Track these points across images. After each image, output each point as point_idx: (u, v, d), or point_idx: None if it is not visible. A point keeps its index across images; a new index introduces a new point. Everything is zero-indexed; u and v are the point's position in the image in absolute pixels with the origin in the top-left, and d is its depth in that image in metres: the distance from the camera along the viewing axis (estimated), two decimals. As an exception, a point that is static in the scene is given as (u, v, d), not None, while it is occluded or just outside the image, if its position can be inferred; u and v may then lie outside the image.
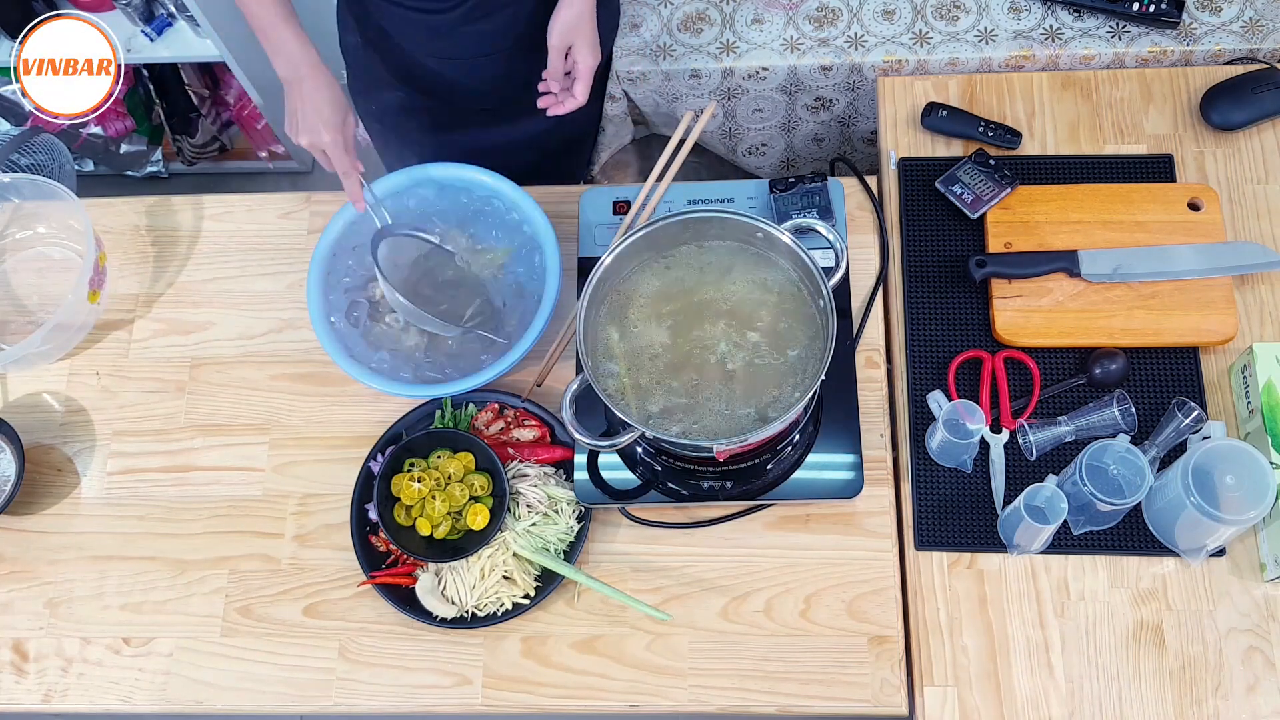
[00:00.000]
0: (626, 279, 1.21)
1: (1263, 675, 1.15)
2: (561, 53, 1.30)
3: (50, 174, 1.76)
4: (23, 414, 1.42)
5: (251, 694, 1.26)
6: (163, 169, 2.60)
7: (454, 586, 1.23)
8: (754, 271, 1.20)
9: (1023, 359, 1.28)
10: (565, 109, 1.33)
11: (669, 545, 1.27)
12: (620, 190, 1.41)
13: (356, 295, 1.37)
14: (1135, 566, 1.21)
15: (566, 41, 1.29)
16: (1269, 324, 1.30)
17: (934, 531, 1.24)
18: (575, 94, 1.32)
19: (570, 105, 1.33)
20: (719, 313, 1.18)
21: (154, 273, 1.49)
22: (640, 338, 1.18)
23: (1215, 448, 1.12)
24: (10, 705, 1.29)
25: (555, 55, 1.30)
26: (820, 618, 1.22)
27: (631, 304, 1.20)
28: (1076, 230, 1.32)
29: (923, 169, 1.41)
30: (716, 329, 1.17)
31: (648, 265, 1.21)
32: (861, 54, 1.56)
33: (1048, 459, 1.24)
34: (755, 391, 1.15)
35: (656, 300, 1.20)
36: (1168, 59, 1.51)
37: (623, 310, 1.19)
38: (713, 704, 1.21)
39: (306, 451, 1.36)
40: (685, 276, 1.21)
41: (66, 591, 1.33)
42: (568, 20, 1.28)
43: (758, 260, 1.20)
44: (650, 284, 1.21)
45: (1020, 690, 1.17)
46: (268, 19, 1.21)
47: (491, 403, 1.32)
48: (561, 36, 1.29)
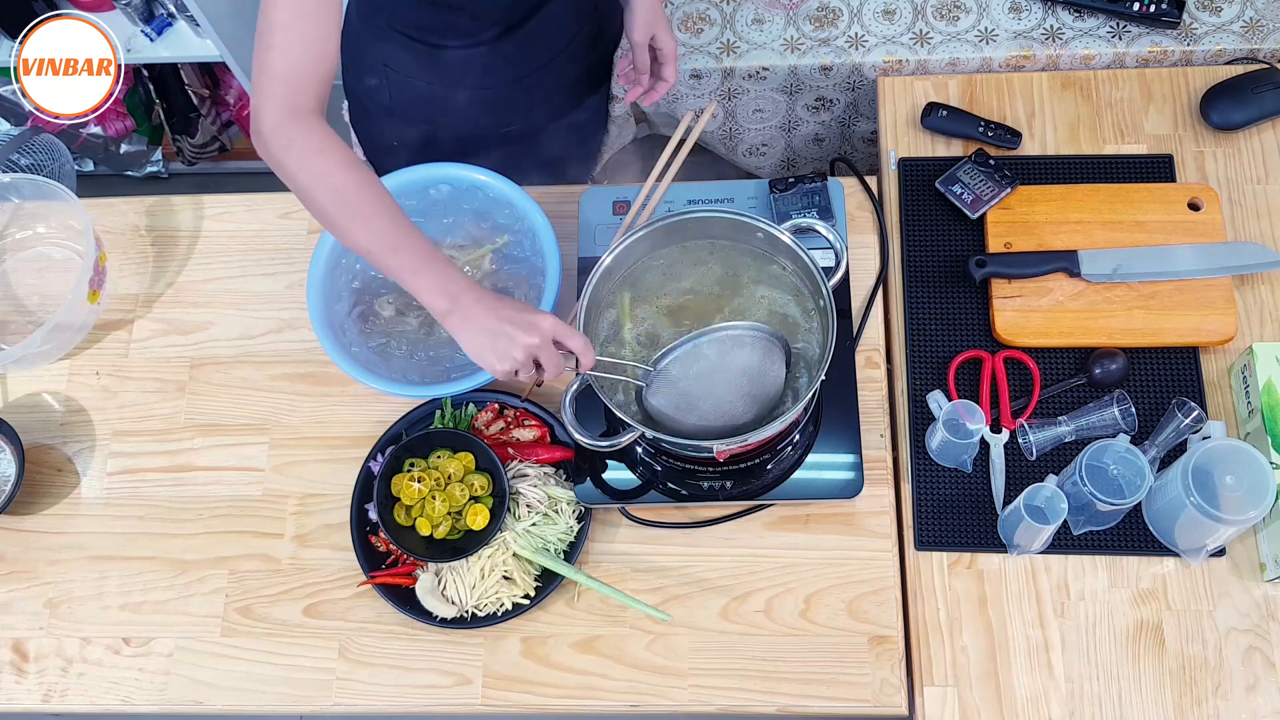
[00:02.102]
0: (626, 279, 1.21)
1: (1262, 675, 1.15)
2: (645, 47, 1.35)
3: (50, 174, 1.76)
4: (23, 414, 1.42)
5: (251, 694, 1.26)
6: (163, 169, 2.60)
7: (454, 586, 1.23)
8: (754, 271, 1.20)
9: (1023, 359, 1.28)
10: (658, 94, 1.39)
11: (669, 545, 1.27)
12: (620, 190, 1.41)
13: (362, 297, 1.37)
14: (1135, 566, 1.21)
15: (650, 33, 1.34)
16: (1269, 324, 1.30)
17: (934, 531, 1.24)
18: (666, 77, 1.37)
19: (663, 89, 1.38)
20: (719, 313, 1.18)
21: (154, 273, 1.49)
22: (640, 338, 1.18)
23: (1215, 448, 1.12)
24: (10, 705, 1.29)
25: (641, 51, 1.35)
26: (820, 618, 1.22)
27: (631, 304, 1.20)
28: (1076, 230, 1.32)
29: (923, 169, 1.41)
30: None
31: (648, 265, 1.21)
32: (862, 54, 1.56)
33: (1048, 459, 1.24)
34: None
35: (656, 300, 1.20)
36: (1168, 59, 1.51)
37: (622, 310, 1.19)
38: (713, 704, 1.21)
39: (306, 451, 1.36)
40: (685, 277, 1.21)
41: (66, 591, 1.33)
42: (646, 14, 1.32)
43: (758, 260, 1.20)
44: (650, 284, 1.21)
45: (1020, 690, 1.17)
46: (419, 252, 1.03)
47: (491, 403, 1.32)
48: (644, 30, 1.33)
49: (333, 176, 0.99)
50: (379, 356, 1.35)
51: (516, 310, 1.04)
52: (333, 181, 1.00)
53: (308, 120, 0.99)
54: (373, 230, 1.01)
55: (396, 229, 1.02)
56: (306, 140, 0.98)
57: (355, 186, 1.00)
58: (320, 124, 1.00)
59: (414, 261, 1.03)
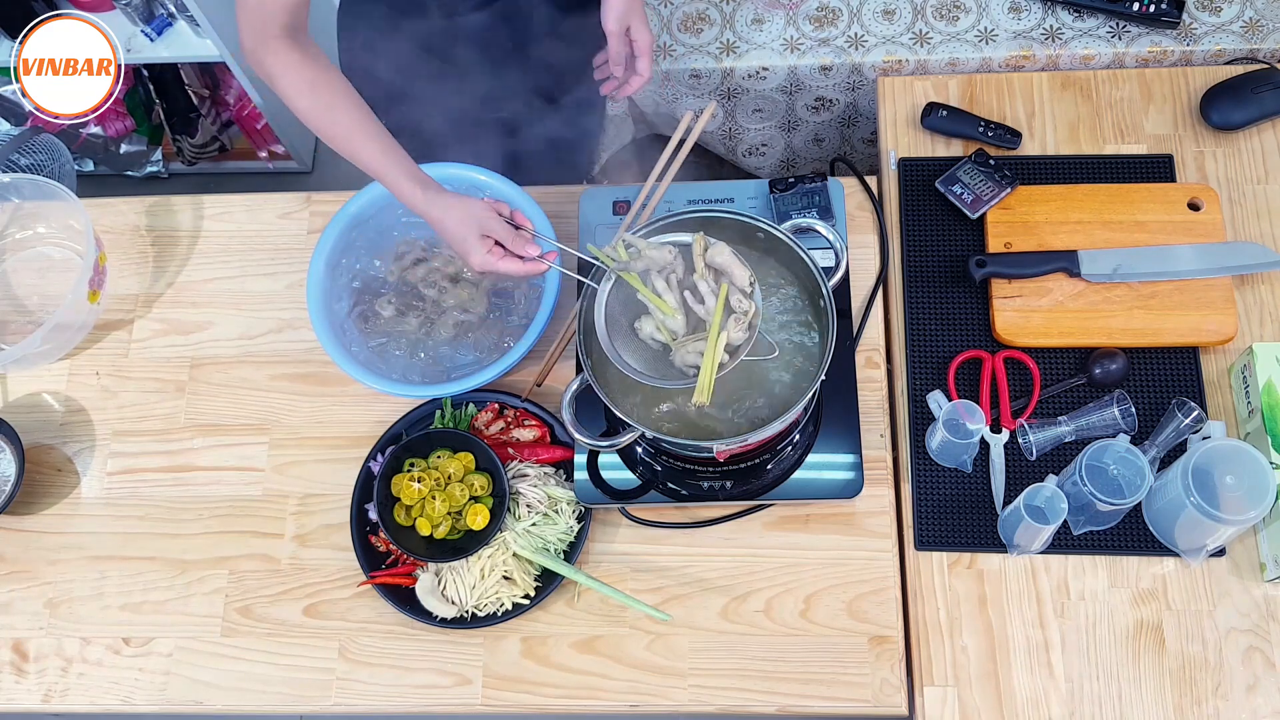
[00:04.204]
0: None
1: (1262, 675, 1.15)
2: (621, 37, 1.32)
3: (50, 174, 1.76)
4: (23, 414, 1.42)
5: (251, 694, 1.26)
6: (163, 169, 2.60)
7: (454, 586, 1.23)
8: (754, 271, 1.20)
9: (1023, 359, 1.28)
10: (633, 88, 1.36)
11: (669, 545, 1.27)
12: (620, 190, 1.41)
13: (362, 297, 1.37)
14: (1135, 566, 1.21)
15: (625, 24, 1.31)
16: (1269, 324, 1.30)
17: (934, 531, 1.24)
18: (640, 71, 1.35)
19: (637, 83, 1.35)
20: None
21: (154, 273, 1.49)
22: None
23: (1215, 448, 1.11)
24: (10, 705, 1.29)
25: (616, 40, 1.32)
26: (820, 618, 1.22)
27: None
28: (1076, 230, 1.32)
29: (923, 169, 1.41)
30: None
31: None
32: (861, 54, 1.56)
33: (1048, 459, 1.24)
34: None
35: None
36: (1168, 59, 1.51)
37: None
38: (713, 704, 1.21)
39: (306, 451, 1.36)
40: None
41: (66, 591, 1.33)
42: (622, 3, 1.30)
43: (758, 260, 1.20)
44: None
45: (1020, 690, 1.17)
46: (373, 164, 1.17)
47: (491, 403, 1.32)
48: (619, 20, 1.31)
49: (297, 100, 1.14)
50: (379, 356, 1.35)
51: (455, 239, 1.17)
52: (298, 105, 1.15)
53: (275, 45, 1.12)
54: (335, 143, 1.17)
55: (351, 144, 1.16)
56: (274, 66, 1.13)
57: (312, 111, 1.15)
58: (287, 48, 1.12)
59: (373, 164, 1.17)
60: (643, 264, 1.11)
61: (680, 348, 1.09)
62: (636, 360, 1.11)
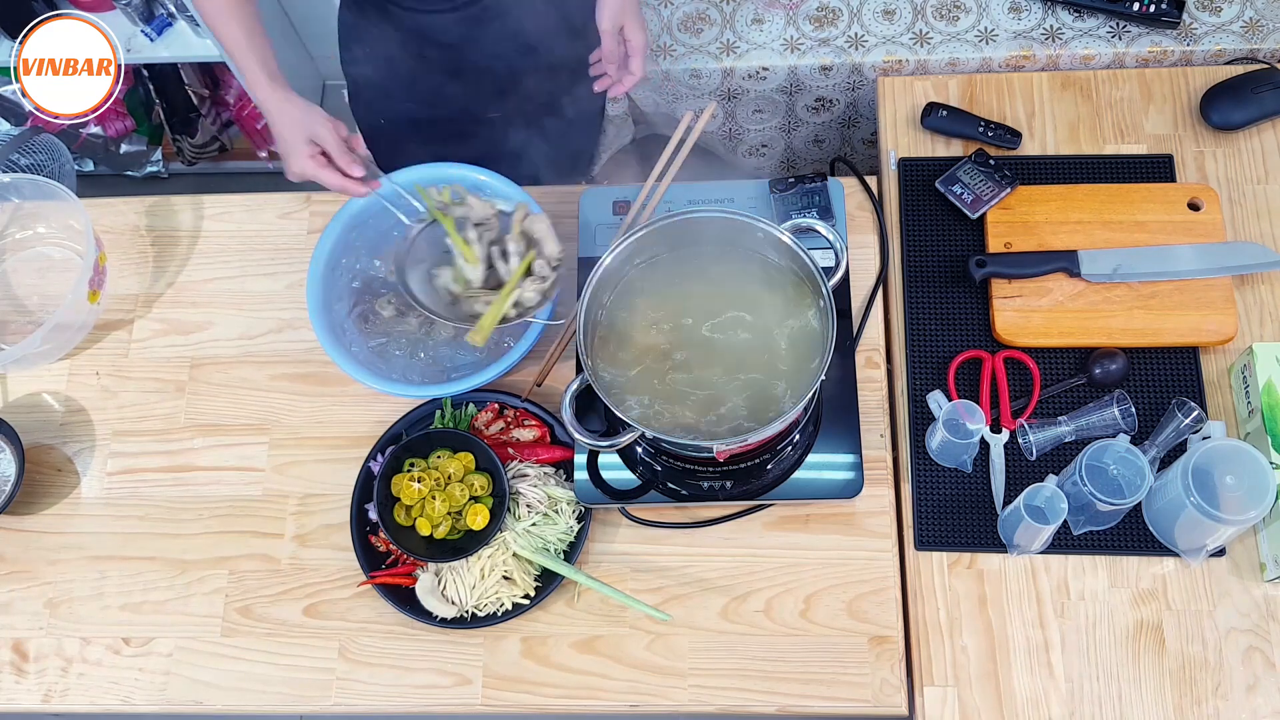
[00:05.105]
0: (626, 279, 1.21)
1: (1262, 675, 1.15)
2: (614, 35, 1.33)
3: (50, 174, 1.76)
4: (23, 414, 1.42)
5: (251, 694, 1.26)
6: (163, 169, 2.60)
7: (454, 586, 1.23)
8: (754, 271, 1.20)
9: (1023, 359, 1.28)
10: (625, 87, 1.37)
11: (669, 545, 1.27)
12: (620, 190, 1.41)
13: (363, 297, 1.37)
14: (1135, 566, 1.21)
15: (618, 23, 1.32)
16: (1269, 324, 1.30)
17: (934, 531, 1.24)
18: (633, 70, 1.35)
19: (630, 82, 1.36)
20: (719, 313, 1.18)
21: (154, 273, 1.49)
22: (640, 337, 1.18)
23: (1215, 448, 1.12)
24: (10, 705, 1.29)
25: (609, 39, 1.33)
26: (820, 618, 1.22)
27: (631, 304, 1.20)
28: (1076, 230, 1.32)
29: (923, 169, 1.41)
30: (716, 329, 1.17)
31: (648, 265, 1.21)
32: (861, 54, 1.56)
33: (1048, 459, 1.24)
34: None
35: (656, 300, 1.20)
36: (1168, 59, 1.51)
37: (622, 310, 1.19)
38: (713, 704, 1.21)
39: (306, 451, 1.36)
40: (685, 277, 1.21)
41: (66, 591, 1.33)
42: (615, 3, 1.31)
43: (758, 260, 1.20)
44: (650, 284, 1.20)
45: (1020, 690, 1.17)
46: (232, 44, 1.23)
47: (491, 403, 1.32)
48: (613, 20, 1.31)
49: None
50: (379, 356, 1.35)
51: (284, 140, 1.24)
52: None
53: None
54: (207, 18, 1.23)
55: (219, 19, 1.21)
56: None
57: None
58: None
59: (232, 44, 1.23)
60: (462, 211, 1.21)
61: (471, 299, 1.21)
62: (426, 297, 1.24)
